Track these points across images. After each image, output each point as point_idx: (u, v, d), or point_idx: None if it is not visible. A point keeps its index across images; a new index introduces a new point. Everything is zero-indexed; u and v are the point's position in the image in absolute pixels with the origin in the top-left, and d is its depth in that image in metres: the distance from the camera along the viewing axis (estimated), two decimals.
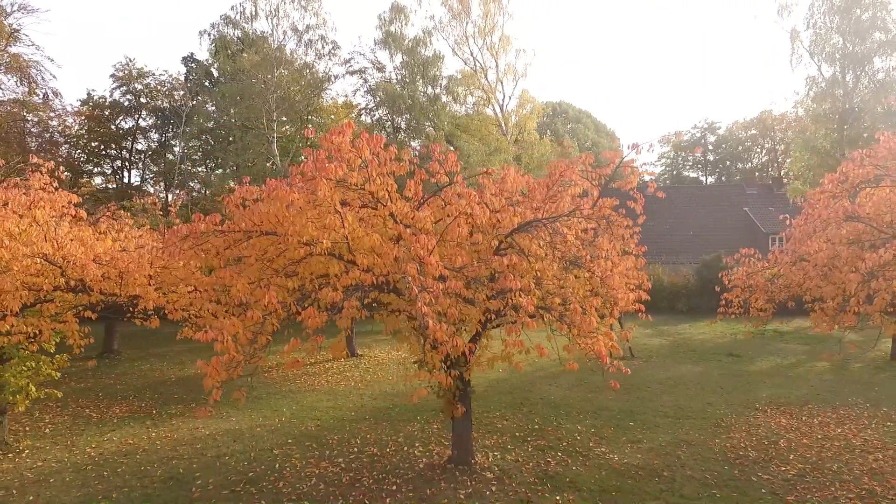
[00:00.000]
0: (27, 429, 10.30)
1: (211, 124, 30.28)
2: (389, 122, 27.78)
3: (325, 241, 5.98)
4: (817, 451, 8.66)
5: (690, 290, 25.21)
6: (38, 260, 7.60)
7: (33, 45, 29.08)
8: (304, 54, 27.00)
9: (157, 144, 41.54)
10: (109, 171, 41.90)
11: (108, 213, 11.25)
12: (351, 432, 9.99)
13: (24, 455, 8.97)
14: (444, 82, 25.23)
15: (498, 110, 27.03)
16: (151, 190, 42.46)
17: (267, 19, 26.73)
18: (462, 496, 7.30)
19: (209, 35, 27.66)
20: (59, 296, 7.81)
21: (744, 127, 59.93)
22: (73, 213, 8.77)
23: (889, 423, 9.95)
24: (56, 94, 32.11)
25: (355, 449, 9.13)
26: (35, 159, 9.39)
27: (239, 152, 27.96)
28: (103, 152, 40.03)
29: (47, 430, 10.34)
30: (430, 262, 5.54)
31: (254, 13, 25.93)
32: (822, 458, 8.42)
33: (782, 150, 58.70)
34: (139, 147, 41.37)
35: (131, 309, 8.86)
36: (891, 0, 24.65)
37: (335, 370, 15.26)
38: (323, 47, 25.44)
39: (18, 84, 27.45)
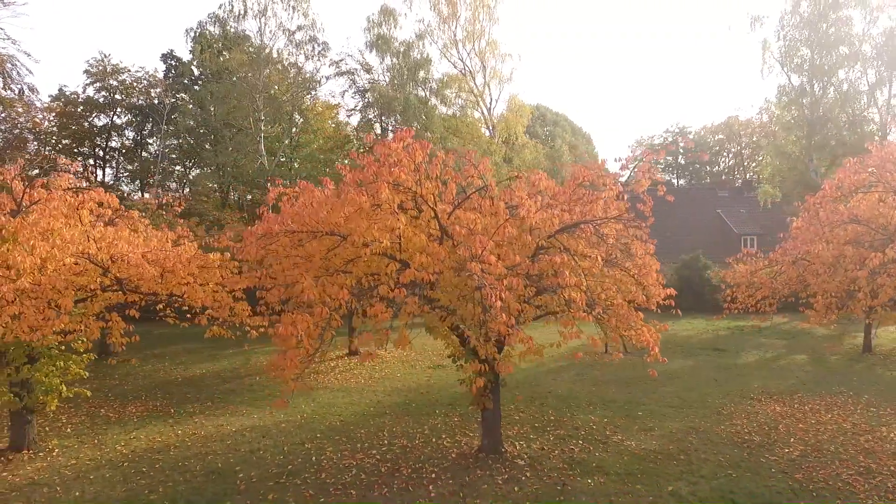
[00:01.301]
0: (47, 429, 10.26)
1: (192, 123, 29.83)
2: (377, 123, 28.06)
3: (385, 241, 6.35)
4: (814, 435, 9.44)
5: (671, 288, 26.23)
6: (74, 260, 7.71)
7: (8, 38, 28.05)
8: (293, 55, 27.06)
9: (131, 142, 40.65)
10: (81, 170, 40.82)
11: (123, 213, 11.27)
12: (375, 426, 10.32)
13: (55, 454, 9.01)
14: (434, 85, 25.66)
15: (486, 113, 27.63)
16: (126, 189, 41.58)
17: (255, 19, 26.65)
18: (500, 482, 7.75)
19: (195, 33, 27.40)
20: (103, 295, 7.91)
21: (711, 131, 62.29)
22: (98, 212, 8.88)
23: (872, 409, 10.85)
24: (32, 89, 31.10)
25: (385, 441, 9.47)
26: (62, 160, 9.43)
27: (225, 152, 27.77)
28: (75, 150, 38.94)
29: (68, 429, 10.33)
30: (490, 260, 5.97)
31: (242, 12, 25.81)
32: (819, 440, 9.19)
33: (748, 155, 61.34)
34: (113, 144, 40.44)
35: (165, 308, 8.99)
36: (853, 17, 26.26)
37: (341, 368, 15.50)
38: (313, 49, 25.50)
39: None
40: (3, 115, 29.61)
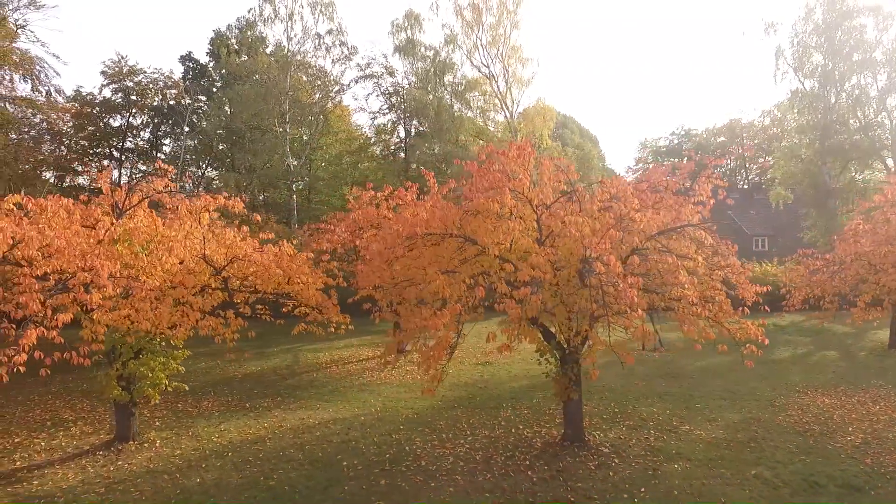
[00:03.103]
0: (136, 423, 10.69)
1: (218, 123, 30.21)
2: (401, 126, 28.58)
3: (505, 244, 6.89)
4: (869, 424, 10.06)
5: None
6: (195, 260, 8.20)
7: (37, 40, 28.29)
8: (320, 58, 27.54)
9: (146, 143, 40.85)
10: (97, 170, 41.00)
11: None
12: (451, 418, 10.83)
13: (157, 445, 9.46)
14: (460, 89, 26.18)
15: (508, 116, 28.17)
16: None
17: (282, 23, 27.10)
18: (592, 468, 8.30)
19: (223, 36, 27.78)
20: (215, 293, 8.40)
21: (713, 134, 63.24)
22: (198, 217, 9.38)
23: None
24: (59, 91, 31.41)
25: (468, 432, 10.00)
26: (161, 164, 9.92)
27: (255, 153, 28.12)
28: (91, 151, 39.11)
29: (157, 422, 10.78)
30: (611, 260, 6.52)
31: (272, 16, 26.21)
32: (876, 429, 9.81)
33: (750, 157, 62.30)
34: (128, 145, 40.62)
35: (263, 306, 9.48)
36: (867, 24, 27.08)
37: (393, 366, 15.97)
38: (342, 52, 25.98)
39: (22, 80, 26.85)
40: (34, 117, 29.87)
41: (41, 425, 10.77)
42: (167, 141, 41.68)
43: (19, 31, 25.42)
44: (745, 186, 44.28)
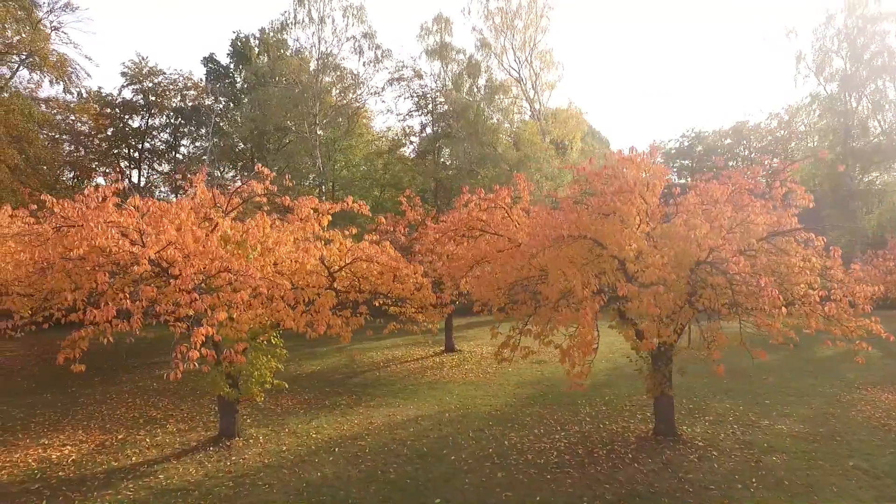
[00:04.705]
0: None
1: (251, 127, 30.42)
2: (429, 128, 28.89)
3: (632, 246, 7.23)
4: None
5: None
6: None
7: (71, 42, 28.42)
8: (346, 59, 27.84)
9: (164, 144, 40.92)
10: (116, 171, 41.01)
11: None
12: (534, 415, 11.15)
13: (261, 441, 9.73)
14: (490, 92, 26.54)
15: (538, 119, 28.52)
16: (159, 191, 41.81)
17: (315, 25, 27.34)
18: (695, 460, 8.64)
19: (249, 38, 28.00)
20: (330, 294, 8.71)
21: (720, 136, 64.00)
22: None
23: None
24: (90, 93, 31.49)
25: (557, 427, 10.32)
26: (259, 168, 10.18)
27: (284, 156, 28.36)
28: (112, 151, 39.15)
29: (248, 419, 11.03)
30: (739, 260, 6.86)
31: (306, 19, 26.46)
32: None
33: (757, 158, 62.92)
34: (146, 146, 40.67)
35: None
36: (889, 30, 27.68)
37: (450, 364, 16.30)
38: (375, 55, 26.27)
39: (54, 83, 26.95)
40: (57, 117, 29.98)
41: (134, 422, 11.01)
42: (185, 142, 41.91)
43: (52, 33, 25.57)
44: None
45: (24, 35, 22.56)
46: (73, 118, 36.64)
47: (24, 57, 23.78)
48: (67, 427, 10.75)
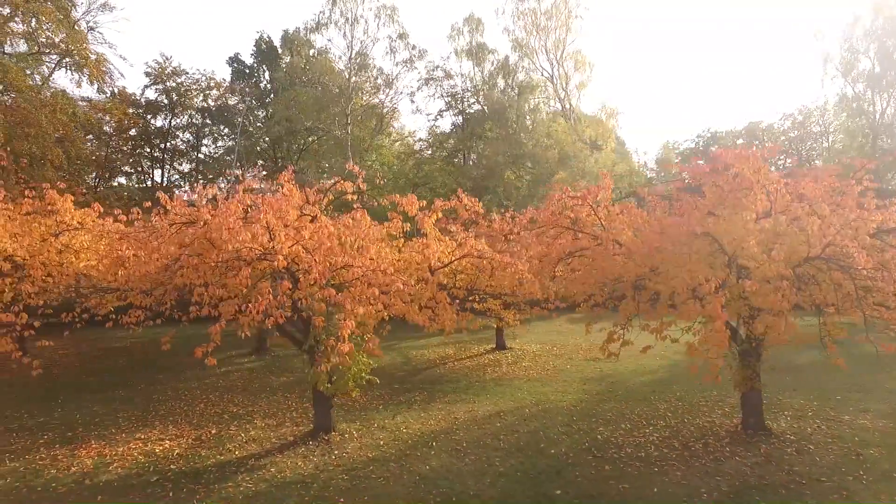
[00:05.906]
0: (310, 416, 11.07)
1: (287, 128, 30.55)
2: (460, 128, 29.06)
3: (751, 243, 7.37)
4: None
5: None
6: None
7: (105, 42, 28.50)
8: (378, 58, 28.00)
9: (186, 144, 41.03)
10: (138, 171, 41.14)
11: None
12: (614, 410, 11.28)
13: (356, 436, 9.86)
14: (523, 92, 26.72)
15: (570, 118, 28.70)
16: (180, 190, 41.89)
17: (347, 25, 27.50)
18: (793, 453, 8.78)
19: (288, 40, 28.14)
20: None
21: (732, 136, 64.26)
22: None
23: None
24: (122, 93, 31.60)
25: (643, 422, 10.45)
26: (351, 166, 10.30)
27: (310, 155, 28.54)
28: (136, 151, 39.26)
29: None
30: (862, 255, 7.01)
31: (341, 21, 26.60)
32: None
33: (771, 160, 63.24)
34: (169, 146, 40.77)
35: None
36: None
37: (508, 361, 16.42)
38: (409, 55, 26.42)
39: (90, 83, 27.00)
40: (97, 118, 30.09)
41: (219, 418, 11.14)
42: (206, 141, 42.03)
43: (88, 33, 25.68)
44: None
45: (63, 34, 22.66)
46: (100, 117, 36.76)
47: (62, 57, 23.91)
48: (155, 422, 10.89)
